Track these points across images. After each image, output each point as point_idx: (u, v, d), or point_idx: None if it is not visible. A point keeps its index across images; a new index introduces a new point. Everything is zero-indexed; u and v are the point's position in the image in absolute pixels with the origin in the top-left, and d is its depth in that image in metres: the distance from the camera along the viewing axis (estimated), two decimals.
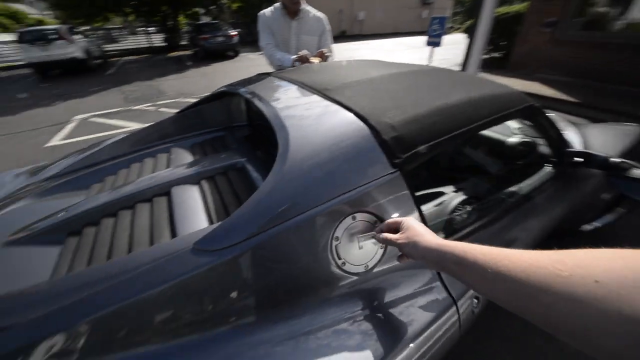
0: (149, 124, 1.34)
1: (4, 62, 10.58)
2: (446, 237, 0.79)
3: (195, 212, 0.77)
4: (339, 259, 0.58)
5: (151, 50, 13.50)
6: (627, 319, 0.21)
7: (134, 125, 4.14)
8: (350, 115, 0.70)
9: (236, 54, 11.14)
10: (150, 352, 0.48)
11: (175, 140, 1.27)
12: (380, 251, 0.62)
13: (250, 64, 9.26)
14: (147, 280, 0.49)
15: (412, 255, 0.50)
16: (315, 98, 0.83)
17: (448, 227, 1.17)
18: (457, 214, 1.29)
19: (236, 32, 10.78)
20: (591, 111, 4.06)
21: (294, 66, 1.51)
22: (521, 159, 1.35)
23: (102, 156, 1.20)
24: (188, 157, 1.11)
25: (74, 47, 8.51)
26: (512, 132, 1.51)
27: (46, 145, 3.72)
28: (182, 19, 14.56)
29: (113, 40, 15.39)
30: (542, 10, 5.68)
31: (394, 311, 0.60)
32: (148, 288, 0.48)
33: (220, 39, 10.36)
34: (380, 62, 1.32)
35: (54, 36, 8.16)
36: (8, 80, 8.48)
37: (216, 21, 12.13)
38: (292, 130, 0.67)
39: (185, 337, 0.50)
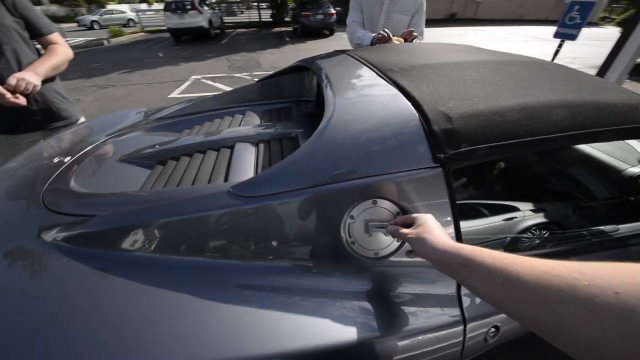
0: (235, 88, 1.54)
1: (155, 26, 13.36)
2: None
3: (246, 166, 0.88)
4: (350, 237, 0.58)
5: (259, 24, 14.86)
6: None
7: (230, 89, 4.78)
8: (403, 99, 0.66)
9: (331, 33, 11.28)
10: (197, 261, 0.60)
11: (252, 105, 1.43)
12: (396, 244, 0.60)
13: (341, 43, 9.26)
14: (195, 207, 0.61)
15: (419, 253, 0.47)
16: (377, 79, 0.80)
17: (510, 246, 1.02)
18: (527, 235, 1.10)
19: (334, 11, 10.84)
20: None
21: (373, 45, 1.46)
22: (638, 196, 1.03)
23: (197, 109, 1.45)
24: (256, 121, 1.24)
25: (202, 17, 10.07)
26: (638, 159, 1.16)
27: (168, 96, 4.66)
28: None
29: (231, 13, 17.55)
30: None
31: (396, 305, 0.58)
32: (195, 212, 0.60)
33: (319, 16, 10.62)
34: (472, 48, 1.16)
35: (188, 7, 9.79)
36: (154, 41, 10.72)
37: None
38: (339, 105, 0.68)
39: (226, 260, 0.60)
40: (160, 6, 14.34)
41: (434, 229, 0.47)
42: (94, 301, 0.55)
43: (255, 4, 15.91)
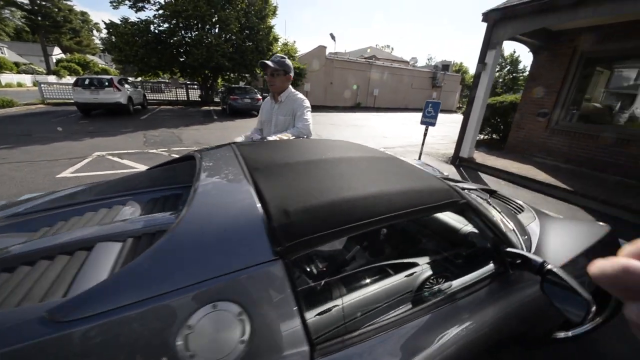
0: (122, 177, 1.47)
1: (60, 98, 12.25)
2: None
3: (101, 272, 0.79)
4: (187, 350, 0.55)
5: (187, 102, 15.32)
6: None
7: (140, 167, 4.45)
8: (253, 198, 0.76)
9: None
10: None
11: (138, 193, 1.37)
12: (241, 347, 0.59)
13: None
14: (8, 337, 0.49)
15: None
16: (241, 177, 0.91)
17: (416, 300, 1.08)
18: (427, 287, 1.19)
19: (261, 97, 12.23)
20: (590, 201, 4.01)
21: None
22: (469, 250, 1.32)
23: (67, 201, 1.29)
24: (136, 212, 1.17)
25: (120, 94, 9.80)
26: None
27: (57, 175, 4.00)
28: (220, 82, 16.79)
29: (159, 91, 17.74)
30: (534, 101, 6.19)
31: None
32: (12, 343, 0.48)
33: (247, 100, 11.73)
34: (336, 143, 1.44)
35: (105, 84, 9.52)
36: (55, 114, 9.62)
37: (248, 86, 13.90)
38: (196, 204, 0.73)
39: None
40: (70, 80, 13.51)
41: None
42: None
43: (184, 84, 16.62)
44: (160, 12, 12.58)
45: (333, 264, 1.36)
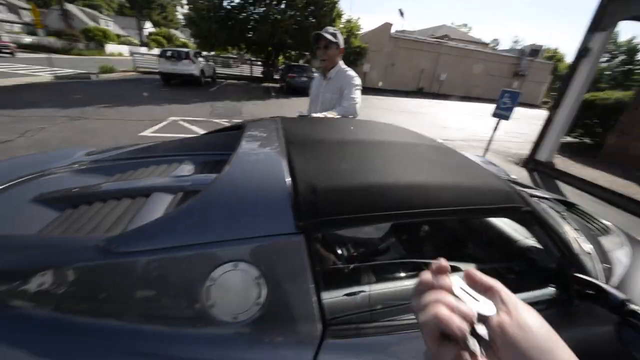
0: (183, 137, 1.63)
1: (148, 68, 14.08)
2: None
3: (153, 216, 0.90)
4: (208, 299, 0.59)
5: (250, 78, 16.21)
6: None
7: None
8: (284, 171, 0.76)
9: None
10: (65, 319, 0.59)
11: (193, 155, 1.51)
12: (256, 308, 0.61)
13: None
14: (71, 257, 0.62)
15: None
16: (277, 149, 0.92)
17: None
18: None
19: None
20: None
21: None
22: (524, 267, 1.14)
23: (138, 154, 1.49)
24: (189, 170, 1.30)
25: (194, 67, 10.81)
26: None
27: (139, 134, 4.69)
28: (281, 59, 17.25)
29: (227, 66, 19.07)
30: None
31: None
32: (72, 263, 0.61)
33: (303, 78, 11.80)
34: (381, 127, 1.35)
35: (183, 56, 10.57)
36: (143, 81, 11.16)
37: (306, 65, 13.98)
38: (226, 173, 0.77)
39: (98, 318, 0.60)
40: (156, 51, 15.46)
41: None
42: None
43: (249, 60, 17.47)
44: None
45: (363, 250, 1.33)
